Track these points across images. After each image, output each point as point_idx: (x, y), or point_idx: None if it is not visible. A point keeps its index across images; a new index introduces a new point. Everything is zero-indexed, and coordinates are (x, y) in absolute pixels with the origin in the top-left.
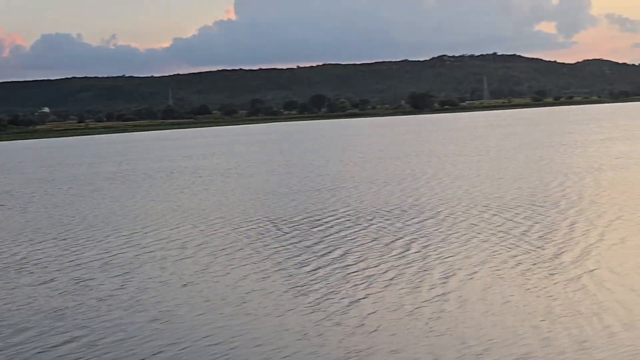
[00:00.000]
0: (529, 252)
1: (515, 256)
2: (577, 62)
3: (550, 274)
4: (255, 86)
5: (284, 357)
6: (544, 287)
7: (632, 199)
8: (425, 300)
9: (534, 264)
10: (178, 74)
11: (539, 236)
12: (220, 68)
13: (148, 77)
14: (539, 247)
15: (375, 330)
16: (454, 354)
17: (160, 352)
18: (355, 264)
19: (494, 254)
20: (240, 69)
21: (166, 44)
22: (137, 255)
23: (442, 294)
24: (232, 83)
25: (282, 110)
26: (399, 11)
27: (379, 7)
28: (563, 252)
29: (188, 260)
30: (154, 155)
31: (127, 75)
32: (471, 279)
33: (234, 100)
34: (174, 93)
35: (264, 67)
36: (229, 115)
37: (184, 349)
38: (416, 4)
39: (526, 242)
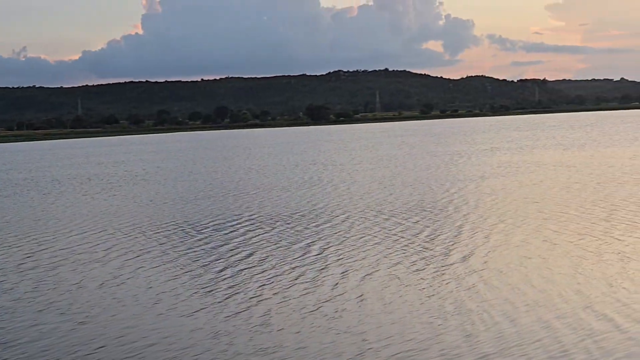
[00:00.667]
0: (421, 253)
1: (409, 257)
2: (461, 78)
3: (441, 274)
4: (162, 98)
5: (195, 355)
6: (436, 286)
7: (512, 204)
8: (327, 300)
9: (426, 265)
10: (87, 85)
11: (429, 238)
12: (127, 80)
13: (58, 87)
14: (429, 249)
15: (281, 329)
16: (354, 349)
17: (75, 351)
18: (260, 265)
19: (388, 255)
20: (147, 81)
21: (75, 57)
22: (49, 258)
23: (342, 293)
24: (139, 94)
25: (187, 121)
26: (297, 29)
27: (278, 24)
28: (452, 253)
29: (100, 263)
30: (65, 162)
31: (37, 86)
32: (369, 279)
33: (140, 111)
34: (83, 103)
35: (169, 80)
36: (136, 125)
37: (98, 348)
38: (313, 23)
39: (418, 244)
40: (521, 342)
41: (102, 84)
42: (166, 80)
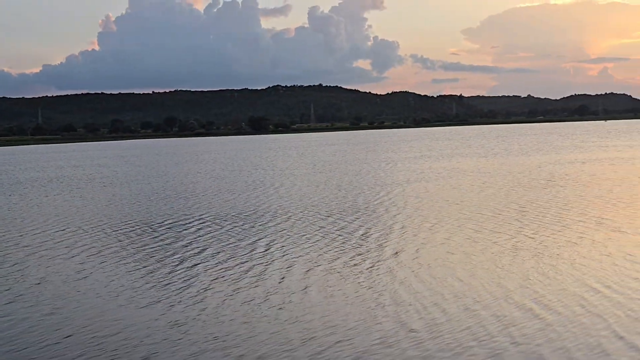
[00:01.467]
0: (357, 249)
1: (346, 253)
2: (388, 94)
3: (376, 268)
4: (116, 108)
5: (153, 344)
6: (372, 279)
7: (435, 206)
8: (274, 292)
9: (362, 260)
10: (47, 96)
11: (363, 236)
12: (84, 92)
13: (20, 98)
14: (364, 246)
15: (232, 319)
16: (300, 337)
17: (44, 340)
18: (211, 260)
19: (328, 251)
20: (103, 93)
21: (37, 70)
22: (16, 254)
23: (287, 285)
24: (95, 105)
25: (139, 129)
26: (240, 48)
27: (223, 43)
28: (385, 250)
29: (63, 259)
30: (26, 166)
31: (0, 97)
32: (311, 273)
33: (96, 120)
34: (43, 113)
35: (123, 92)
36: (92, 133)
37: (65, 337)
38: (255, 42)
39: (354, 241)
40: (451, 329)
41: (61, 95)
42: (120, 92)
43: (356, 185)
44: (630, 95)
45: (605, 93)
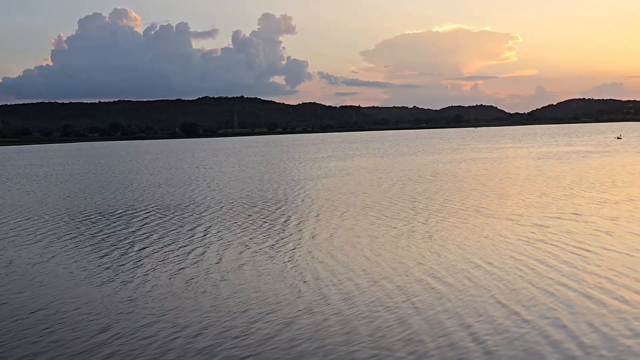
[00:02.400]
0: (280, 234)
1: (272, 237)
2: (299, 104)
3: (298, 249)
4: (67, 115)
5: (111, 317)
6: (293, 259)
7: (343, 197)
8: (212, 271)
9: (285, 243)
10: (7, 105)
11: (285, 223)
12: (40, 101)
13: None
14: (286, 231)
15: (177, 295)
16: (238, 309)
17: (13, 316)
18: (158, 244)
19: (256, 236)
20: (56, 102)
21: None
22: None
23: (223, 266)
24: (49, 112)
25: (87, 134)
26: (174, 64)
27: (160, 60)
28: (303, 234)
29: (27, 246)
30: None
31: None
32: (243, 254)
33: (50, 125)
34: (4, 119)
35: (74, 101)
36: (46, 136)
37: (31, 312)
38: (187, 60)
39: (277, 227)
40: (364, 300)
41: (19, 104)
42: (71, 102)
43: (276, 180)
44: (496, 107)
45: (476, 105)
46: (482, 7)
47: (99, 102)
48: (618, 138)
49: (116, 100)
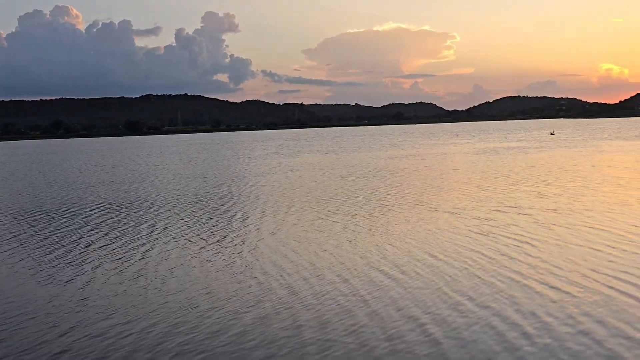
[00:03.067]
0: (226, 229)
1: (218, 233)
2: (242, 102)
3: (244, 244)
4: (8, 113)
5: (58, 314)
6: (242, 254)
7: (287, 193)
8: (160, 267)
9: (233, 238)
10: None
11: (231, 218)
12: None
13: None
14: (233, 226)
15: (125, 291)
16: (185, 304)
17: None
18: (102, 242)
19: (203, 232)
20: None
21: None
22: None
23: (171, 262)
24: None
25: (29, 132)
26: (118, 62)
27: (103, 58)
28: (249, 229)
29: None
30: None
31: None
32: (190, 250)
33: None
34: None
35: (14, 99)
36: None
37: None
38: (130, 57)
39: (223, 223)
40: (313, 292)
41: None
42: (11, 100)
43: (221, 177)
44: (435, 104)
45: (416, 102)
46: (422, 6)
47: (41, 99)
48: (552, 134)
49: (58, 98)
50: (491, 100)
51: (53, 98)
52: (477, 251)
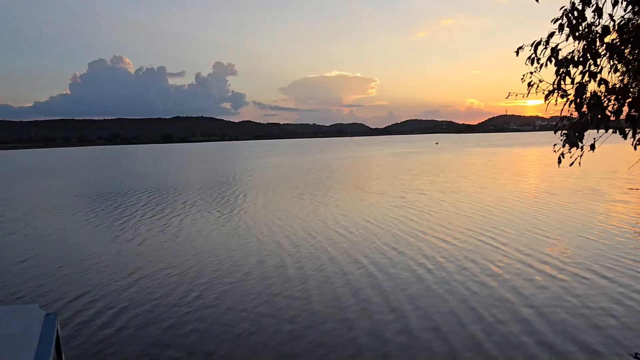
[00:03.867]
0: (230, 204)
1: (226, 207)
2: (240, 122)
3: (243, 215)
4: (80, 128)
5: (121, 263)
6: (237, 220)
7: (270, 182)
8: (182, 232)
9: (233, 210)
10: (37, 120)
11: (235, 197)
12: (60, 118)
13: None
14: (235, 202)
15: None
16: (203, 255)
17: (10, 259)
18: (148, 213)
19: (215, 207)
20: (72, 119)
21: None
22: None
23: (194, 226)
24: (67, 126)
25: (96, 140)
26: (157, 94)
27: (147, 91)
28: (248, 204)
29: (54, 218)
30: None
31: None
32: (204, 220)
33: (68, 135)
34: (35, 130)
35: (85, 118)
36: (66, 142)
37: (33, 267)
38: (165, 91)
39: (228, 200)
40: (296, 244)
41: (46, 120)
42: (83, 119)
43: (228, 170)
44: (364, 124)
45: (352, 123)
46: (355, 60)
47: (104, 119)
48: (436, 143)
49: (115, 118)
50: (399, 122)
51: (112, 118)
52: (395, 218)
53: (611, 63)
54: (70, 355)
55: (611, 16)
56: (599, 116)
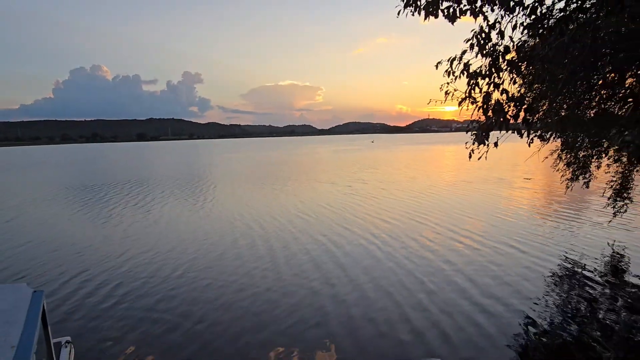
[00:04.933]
0: (203, 193)
1: (201, 196)
2: (206, 123)
3: (215, 201)
4: (63, 128)
5: (108, 245)
6: (210, 207)
7: (235, 174)
8: (162, 218)
9: (206, 199)
10: (23, 121)
11: (207, 187)
12: (45, 119)
13: None
14: (208, 191)
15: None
16: (182, 236)
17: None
18: (131, 201)
19: (190, 195)
20: (55, 120)
21: None
22: None
23: (172, 212)
24: (51, 126)
25: (78, 138)
26: (132, 99)
27: (123, 96)
28: (219, 192)
29: (42, 207)
30: None
31: None
32: (181, 207)
33: (52, 134)
34: (22, 130)
35: (67, 119)
36: (50, 140)
37: (52, 251)
38: (139, 96)
39: (201, 190)
40: (262, 225)
41: (31, 120)
42: (66, 120)
43: (198, 164)
44: (312, 126)
45: (303, 124)
46: (304, 70)
47: (84, 120)
48: (372, 142)
49: (95, 119)
50: (342, 124)
51: (92, 119)
52: (345, 202)
53: (511, 76)
54: (71, 330)
55: (511, 38)
56: (501, 119)
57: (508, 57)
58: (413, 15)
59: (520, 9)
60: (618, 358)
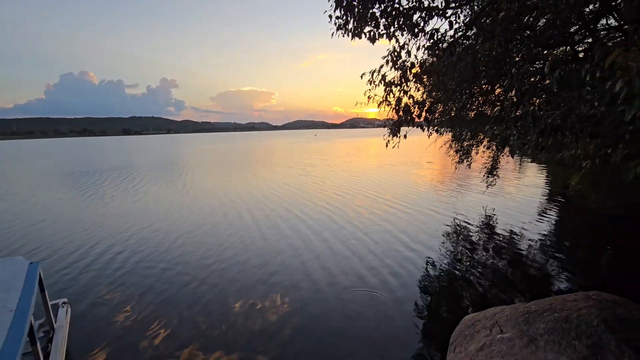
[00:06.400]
0: (185, 179)
1: (182, 182)
2: (182, 120)
3: (196, 186)
4: (56, 124)
5: (99, 223)
6: (194, 192)
7: (211, 162)
8: (149, 199)
9: (188, 183)
10: (18, 118)
11: (188, 174)
12: (38, 116)
13: None
14: (189, 178)
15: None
16: (167, 214)
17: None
18: (120, 185)
19: (173, 180)
20: (48, 117)
21: None
22: None
23: (157, 194)
24: (44, 122)
25: (69, 133)
26: (117, 100)
27: (108, 98)
28: (197, 178)
29: (47, 191)
30: None
31: None
32: (166, 190)
33: (45, 129)
34: (17, 125)
35: (59, 117)
36: (44, 134)
37: (40, 221)
38: (123, 98)
39: (183, 177)
40: (239, 204)
41: (25, 118)
42: (57, 117)
43: (176, 155)
44: (269, 123)
45: (260, 122)
46: (262, 78)
47: (75, 117)
48: (315, 135)
49: (84, 117)
50: (291, 121)
51: (81, 117)
52: (304, 182)
53: (416, 85)
54: (79, 297)
55: (416, 56)
56: (409, 118)
57: (414, 71)
58: (344, 36)
59: (422, 34)
60: (489, 284)
